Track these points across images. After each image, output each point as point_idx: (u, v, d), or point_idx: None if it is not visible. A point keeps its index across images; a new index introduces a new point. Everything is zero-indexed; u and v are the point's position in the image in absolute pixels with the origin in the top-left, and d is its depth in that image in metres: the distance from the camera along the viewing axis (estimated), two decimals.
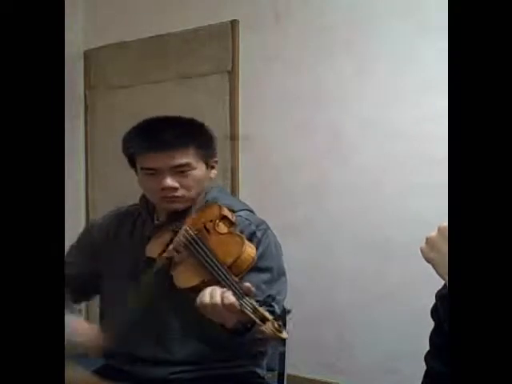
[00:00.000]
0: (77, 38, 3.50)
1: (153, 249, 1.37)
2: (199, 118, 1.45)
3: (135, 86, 3.37)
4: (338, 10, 2.71)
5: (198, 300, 1.16)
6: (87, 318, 3.66)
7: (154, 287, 1.32)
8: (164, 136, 1.35)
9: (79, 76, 3.58)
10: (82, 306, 3.58)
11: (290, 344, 1.55)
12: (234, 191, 2.96)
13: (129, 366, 1.42)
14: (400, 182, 2.58)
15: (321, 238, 2.78)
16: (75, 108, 3.51)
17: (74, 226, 1.55)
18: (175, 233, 1.34)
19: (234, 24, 2.99)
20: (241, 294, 1.13)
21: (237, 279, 1.19)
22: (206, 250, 1.25)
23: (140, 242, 1.43)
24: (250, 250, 1.26)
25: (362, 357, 2.69)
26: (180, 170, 1.36)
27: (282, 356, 1.54)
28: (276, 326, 1.07)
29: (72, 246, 1.54)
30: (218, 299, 1.13)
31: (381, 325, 2.62)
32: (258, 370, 1.47)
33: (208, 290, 1.16)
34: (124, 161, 1.46)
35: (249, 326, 1.16)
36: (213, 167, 1.46)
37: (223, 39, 3.02)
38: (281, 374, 1.55)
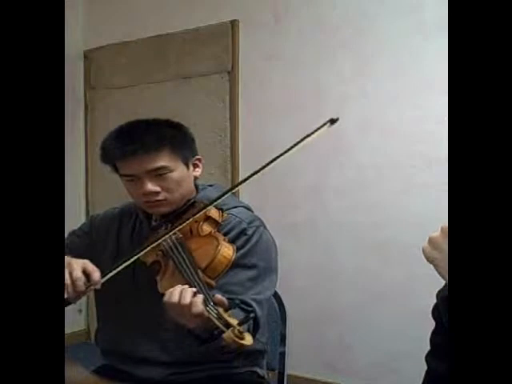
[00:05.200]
0: (77, 38, 3.50)
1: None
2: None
3: (135, 85, 3.37)
4: (337, 10, 2.71)
5: (167, 297, 1.15)
6: (87, 317, 3.68)
7: (148, 289, 1.31)
8: (135, 141, 1.34)
9: (79, 76, 3.59)
10: (83, 306, 3.60)
11: (290, 344, 1.56)
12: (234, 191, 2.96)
13: (127, 366, 1.42)
14: (400, 182, 2.58)
15: (321, 238, 2.78)
16: (75, 108, 3.52)
17: (73, 226, 1.55)
18: (164, 235, 1.33)
19: (234, 24, 2.99)
20: (209, 299, 1.12)
21: (213, 282, 1.21)
22: (183, 255, 1.25)
23: (138, 244, 1.42)
24: (225, 250, 1.25)
25: (362, 357, 2.69)
26: (157, 174, 1.34)
27: (282, 356, 1.55)
28: (236, 332, 1.04)
29: (72, 231, 1.54)
30: (187, 301, 1.12)
31: (381, 325, 2.62)
32: (258, 370, 1.47)
33: (178, 289, 1.15)
34: None
35: (215, 333, 1.11)
36: (196, 165, 1.45)
37: (223, 39, 3.02)
38: (281, 374, 1.55)
